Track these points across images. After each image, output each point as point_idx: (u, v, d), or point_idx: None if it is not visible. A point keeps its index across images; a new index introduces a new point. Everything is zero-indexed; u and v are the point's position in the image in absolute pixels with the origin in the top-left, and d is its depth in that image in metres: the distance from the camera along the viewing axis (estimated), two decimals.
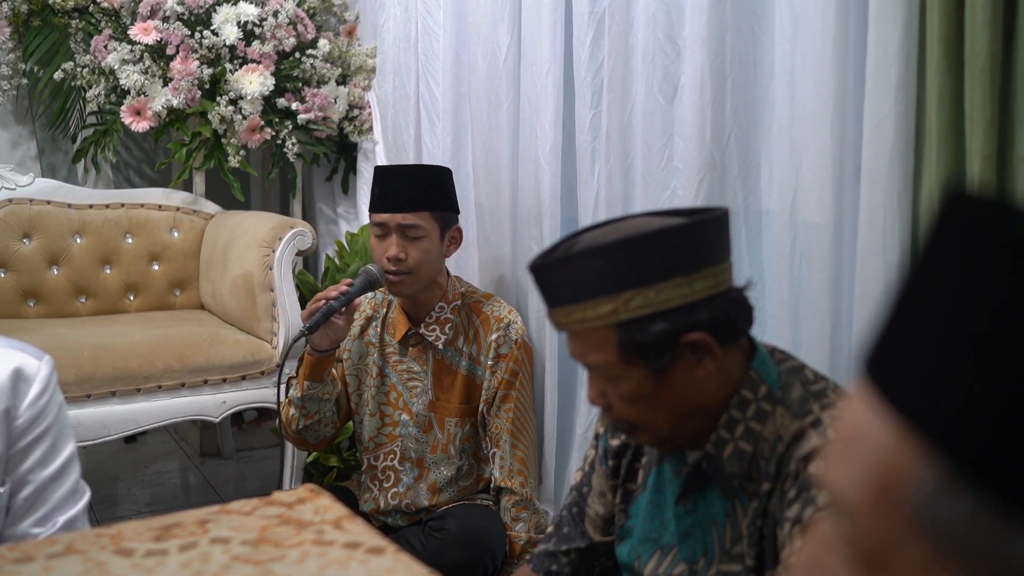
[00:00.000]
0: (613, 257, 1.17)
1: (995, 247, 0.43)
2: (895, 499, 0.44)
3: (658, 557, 1.36)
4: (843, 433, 0.48)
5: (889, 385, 0.46)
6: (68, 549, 0.96)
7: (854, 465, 0.46)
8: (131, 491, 3.21)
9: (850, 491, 0.46)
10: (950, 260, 0.45)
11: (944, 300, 0.45)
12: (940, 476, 0.42)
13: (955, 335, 0.44)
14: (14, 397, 1.32)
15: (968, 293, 0.44)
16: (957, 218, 0.46)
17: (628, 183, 2.12)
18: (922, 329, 0.45)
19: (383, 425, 2.29)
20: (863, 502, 0.45)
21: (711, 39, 1.86)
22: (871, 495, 0.45)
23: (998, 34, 1.37)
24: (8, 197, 2.89)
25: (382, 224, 2.17)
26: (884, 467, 0.45)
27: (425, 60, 2.84)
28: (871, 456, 0.45)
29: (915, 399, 0.44)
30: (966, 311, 0.44)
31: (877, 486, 0.45)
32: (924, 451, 0.43)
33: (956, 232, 0.46)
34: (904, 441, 0.44)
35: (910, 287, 0.47)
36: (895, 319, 0.47)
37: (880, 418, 0.45)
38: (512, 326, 2.22)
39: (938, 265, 0.46)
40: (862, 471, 0.46)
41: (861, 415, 0.47)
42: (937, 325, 0.45)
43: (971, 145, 1.40)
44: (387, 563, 0.92)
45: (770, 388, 1.26)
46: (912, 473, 0.43)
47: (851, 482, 0.46)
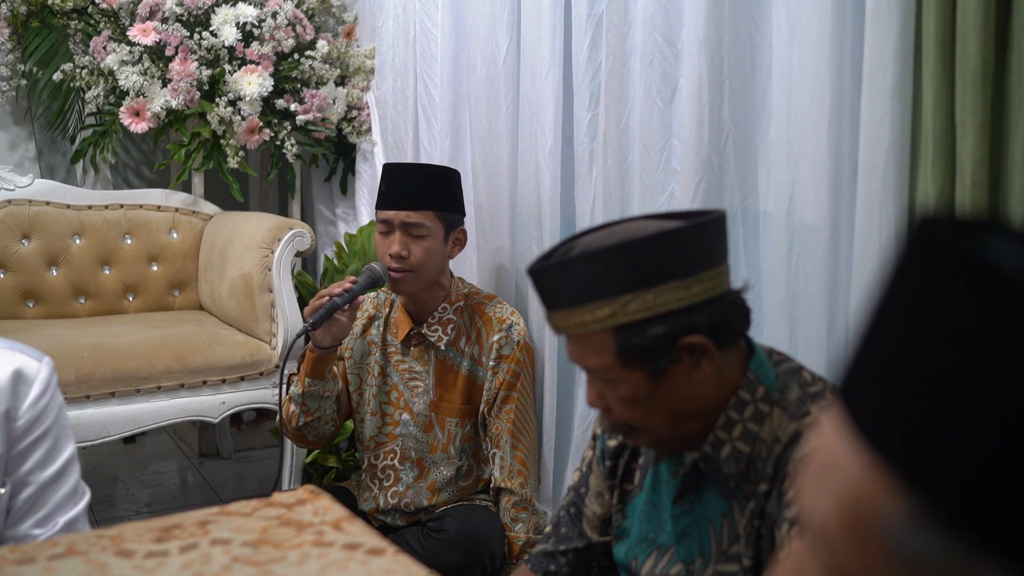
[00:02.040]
0: (611, 261, 1.17)
1: (965, 276, 0.43)
2: (869, 531, 0.44)
3: (655, 557, 1.37)
4: (817, 459, 0.48)
5: (860, 416, 0.46)
6: (69, 550, 0.96)
7: (827, 494, 0.46)
8: (130, 491, 3.22)
9: (825, 519, 0.47)
10: (919, 289, 0.45)
11: (913, 331, 0.44)
12: (912, 511, 0.42)
13: (924, 368, 0.43)
14: (14, 399, 1.32)
15: (938, 325, 0.43)
16: (928, 245, 0.45)
17: (626, 185, 2.13)
18: (892, 360, 0.45)
19: (384, 424, 2.29)
20: (837, 532, 0.46)
21: (708, 42, 1.87)
22: (845, 525, 0.45)
23: (990, 38, 1.38)
24: (7, 198, 2.89)
25: (387, 221, 2.18)
26: (857, 499, 0.45)
27: (423, 62, 2.85)
28: (843, 486, 0.45)
29: (885, 432, 0.44)
30: (935, 344, 0.43)
31: (851, 518, 0.45)
32: (895, 485, 0.43)
33: (926, 260, 0.45)
34: (876, 474, 0.44)
35: (881, 313, 0.47)
36: (866, 346, 0.47)
37: (852, 448, 0.46)
38: (514, 327, 2.23)
39: (908, 294, 0.45)
40: (835, 501, 0.46)
41: (834, 443, 0.47)
42: (906, 357, 0.44)
43: (963, 148, 1.41)
44: (387, 564, 0.93)
45: (768, 389, 1.26)
46: (884, 507, 0.43)
47: (825, 511, 0.47)
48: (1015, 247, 0.44)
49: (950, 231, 0.45)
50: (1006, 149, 1.41)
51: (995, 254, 0.43)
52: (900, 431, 0.43)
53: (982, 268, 0.42)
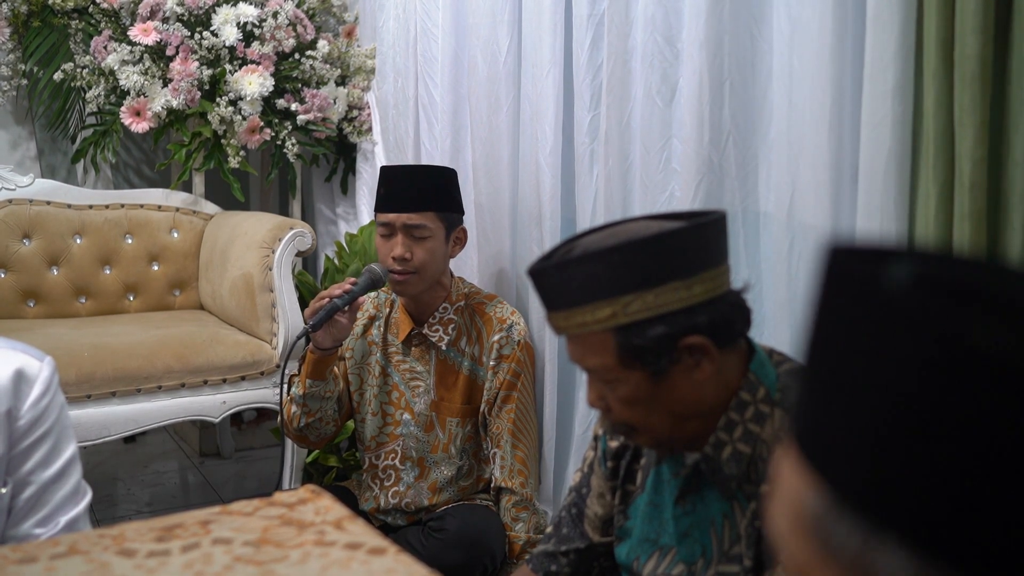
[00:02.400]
0: (611, 261, 1.17)
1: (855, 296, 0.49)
2: (807, 530, 0.50)
3: (657, 558, 1.37)
4: (777, 487, 0.55)
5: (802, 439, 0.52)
6: (71, 550, 0.96)
7: (782, 503, 0.53)
8: (130, 491, 3.22)
9: (780, 528, 0.54)
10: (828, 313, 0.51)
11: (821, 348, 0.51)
12: (829, 503, 0.49)
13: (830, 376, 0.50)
14: (16, 398, 1.32)
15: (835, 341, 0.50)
16: (835, 274, 0.51)
17: (627, 185, 2.13)
18: (812, 373, 0.52)
19: (385, 424, 2.30)
20: (788, 533, 0.53)
21: (709, 42, 1.87)
22: (793, 527, 0.52)
23: (989, 39, 1.38)
24: (8, 198, 2.90)
25: (388, 224, 2.18)
26: (793, 500, 0.52)
27: (424, 62, 2.85)
28: (787, 494, 0.53)
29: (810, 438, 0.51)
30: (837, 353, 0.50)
31: (795, 520, 0.52)
32: (816, 481, 0.50)
33: (833, 290, 0.51)
34: (805, 475, 0.51)
35: (812, 347, 0.53)
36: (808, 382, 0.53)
37: (797, 466, 0.52)
38: (515, 327, 2.23)
39: (822, 321, 0.52)
40: (787, 508, 0.53)
41: (786, 463, 0.54)
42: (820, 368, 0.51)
43: (963, 149, 1.41)
44: (388, 564, 0.93)
45: (768, 390, 1.27)
46: (811, 502, 0.50)
47: (780, 520, 0.54)
48: (903, 265, 0.49)
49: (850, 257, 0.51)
50: (1006, 150, 1.41)
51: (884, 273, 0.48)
52: (817, 435, 0.50)
53: (869, 286, 0.48)
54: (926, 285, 0.47)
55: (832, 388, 0.50)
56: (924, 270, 0.49)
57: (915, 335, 0.46)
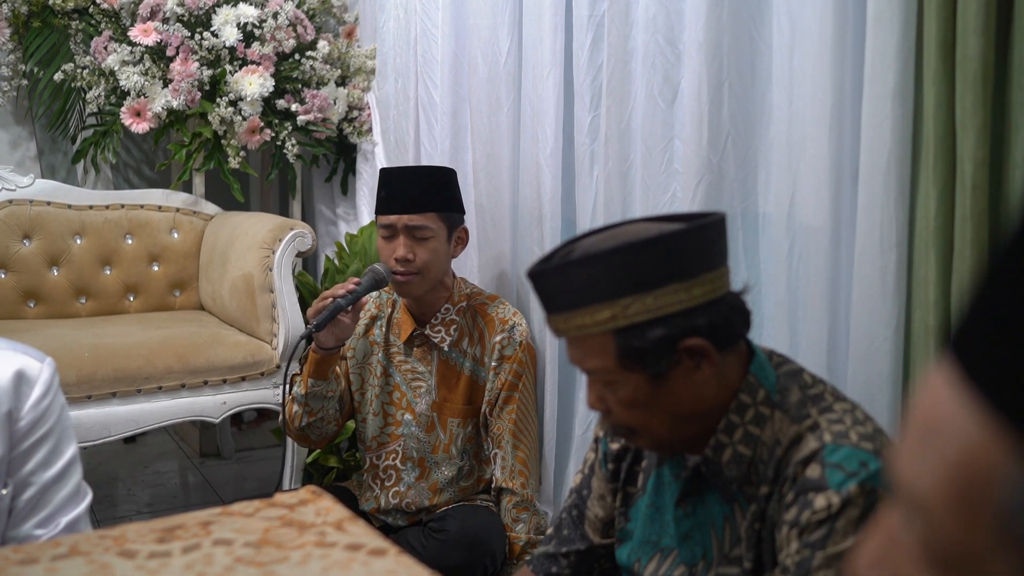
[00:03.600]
0: (611, 264, 1.17)
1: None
2: (980, 502, 0.38)
3: (658, 560, 1.37)
4: (921, 420, 0.41)
5: (976, 367, 0.39)
6: (72, 551, 0.96)
7: (933, 459, 0.40)
8: (131, 491, 3.22)
9: (927, 488, 0.40)
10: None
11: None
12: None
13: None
14: (16, 399, 1.32)
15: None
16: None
17: (627, 186, 2.13)
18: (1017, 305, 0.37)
19: (386, 424, 2.30)
20: (942, 502, 0.39)
21: (708, 43, 1.87)
22: (952, 496, 0.39)
23: (991, 40, 1.38)
24: (8, 198, 2.90)
25: (389, 225, 2.18)
26: (967, 464, 0.38)
27: (424, 62, 2.85)
28: (953, 450, 0.39)
29: (1006, 386, 0.37)
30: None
31: (959, 486, 0.39)
32: (1017, 449, 0.36)
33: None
34: (994, 435, 0.37)
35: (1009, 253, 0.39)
36: (990, 288, 0.39)
37: (966, 406, 0.38)
38: (516, 328, 2.23)
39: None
40: (942, 467, 0.39)
41: (943, 400, 0.39)
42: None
43: (964, 150, 1.41)
44: (389, 565, 0.93)
45: (768, 392, 1.27)
46: (1001, 474, 0.37)
47: (928, 478, 0.40)
48: None
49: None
50: (1007, 151, 1.41)
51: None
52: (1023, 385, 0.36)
53: None
54: None
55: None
56: None
57: None
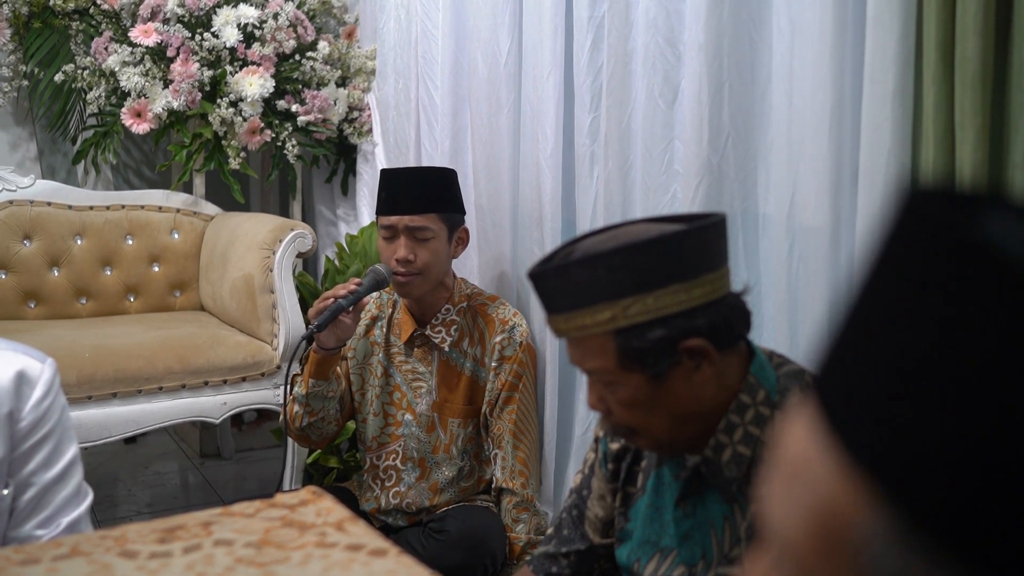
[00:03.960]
0: (611, 264, 1.18)
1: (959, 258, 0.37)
2: (842, 547, 0.39)
3: (657, 560, 1.38)
4: (784, 464, 0.42)
5: (835, 414, 0.40)
6: (73, 551, 0.97)
7: (796, 503, 0.41)
8: (131, 492, 3.22)
9: (792, 531, 0.41)
10: (907, 272, 0.39)
11: (899, 319, 0.38)
12: (890, 527, 0.37)
13: (909, 363, 0.37)
14: (17, 400, 1.33)
15: (926, 313, 0.37)
16: (918, 222, 0.39)
17: (627, 187, 2.13)
18: (873, 352, 0.39)
19: (386, 425, 2.30)
20: (807, 546, 0.40)
21: (708, 44, 1.87)
22: (815, 539, 0.40)
23: (990, 41, 1.38)
24: (8, 199, 2.90)
25: (390, 227, 2.18)
26: (828, 510, 0.39)
27: (424, 63, 2.85)
28: (814, 495, 0.40)
29: (863, 435, 0.38)
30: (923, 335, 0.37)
31: (821, 530, 0.40)
32: (872, 497, 0.37)
33: (916, 239, 0.39)
34: (851, 482, 0.38)
35: (865, 297, 0.40)
36: (847, 334, 0.41)
37: (825, 451, 0.40)
38: (516, 328, 2.24)
39: (895, 276, 0.39)
40: (804, 511, 0.40)
41: (805, 445, 0.41)
42: (890, 349, 0.38)
43: (963, 151, 1.41)
44: (389, 565, 0.93)
45: (768, 393, 1.27)
46: (859, 521, 0.38)
47: (793, 522, 0.41)
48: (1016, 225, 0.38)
49: (942, 207, 0.39)
50: (1006, 152, 1.41)
51: (993, 233, 0.37)
52: (879, 434, 0.38)
53: (978, 249, 0.36)
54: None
55: (919, 378, 0.37)
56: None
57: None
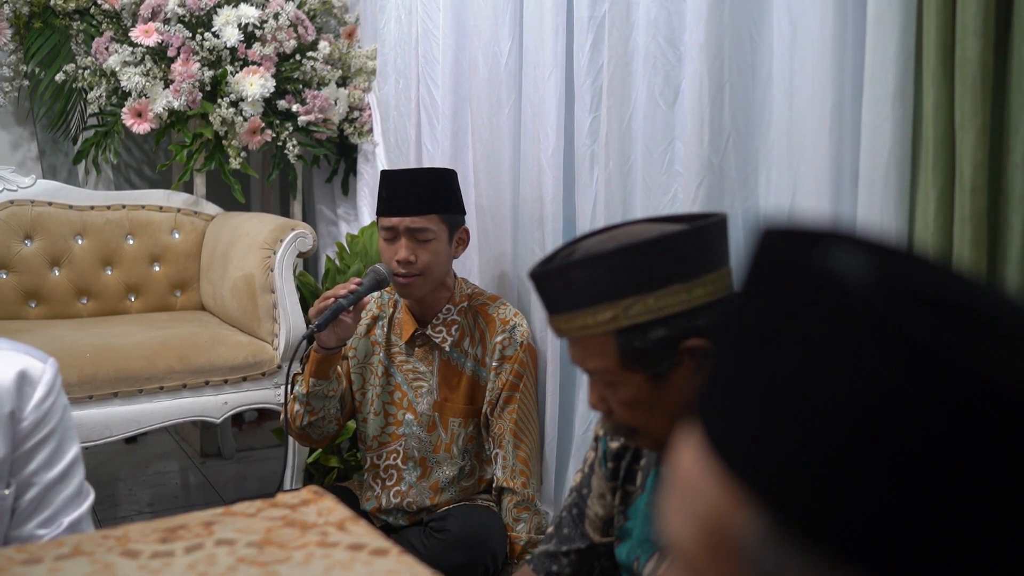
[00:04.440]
0: (612, 264, 1.18)
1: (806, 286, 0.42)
2: (728, 550, 0.43)
3: (657, 558, 1.38)
4: (677, 479, 0.47)
5: (712, 431, 0.45)
6: (75, 551, 0.97)
7: (687, 514, 0.46)
8: (132, 491, 3.22)
9: (686, 539, 0.46)
10: (762, 302, 0.44)
11: (757, 343, 0.44)
12: (766, 527, 0.41)
13: (767, 381, 0.43)
14: (19, 400, 1.33)
15: (778, 336, 0.43)
16: (769, 255, 0.45)
17: (628, 187, 2.13)
18: (738, 373, 0.45)
19: (387, 424, 2.30)
20: (700, 553, 0.45)
21: (709, 45, 1.87)
22: (706, 546, 0.44)
23: (990, 43, 1.38)
24: (9, 199, 2.90)
25: (391, 228, 2.19)
26: (712, 517, 0.44)
27: (425, 63, 2.85)
28: (700, 505, 0.45)
29: (734, 447, 0.44)
30: (777, 357, 0.42)
31: (709, 535, 0.44)
32: (746, 501, 0.42)
33: (769, 271, 0.44)
34: (728, 490, 0.43)
35: (730, 326, 0.46)
36: (719, 359, 0.46)
37: (707, 465, 0.44)
38: (517, 328, 2.24)
39: (752, 307, 0.45)
40: (694, 521, 0.45)
41: (691, 462, 0.46)
42: (751, 370, 0.44)
43: (963, 152, 1.42)
44: (391, 565, 0.94)
45: None
46: (739, 524, 0.42)
47: (688, 532, 0.46)
48: (854, 255, 0.42)
49: (790, 242, 0.44)
50: (1006, 152, 1.42)
51: (835, 263, 0.42)
52: (747, 445, 0.43)
53: (822, 277, 0.41)
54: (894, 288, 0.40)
55: (774, 393, 0.42)
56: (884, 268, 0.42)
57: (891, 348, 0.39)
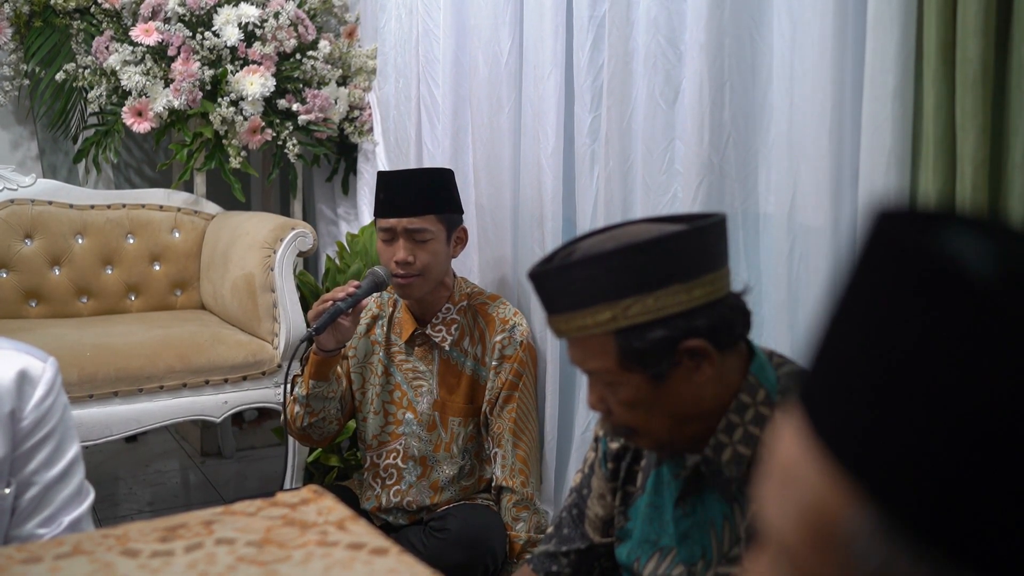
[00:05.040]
0: (611, 265, 1.18)
1: (924, 276, 0.40)
2: (832, 544, 0.42)
3: (657, 559, 1.38)
4: (777, 468, 0.46)
5: (820, 422, 0.44)
6: (75, 550, 0.97)
7: (788, 504, 0.45)
8: (132, 490, 3.23)
9: (786, 531, 0.45)
10: (878, 289, 0.42)
11: (873, 334, 0.42)
12: (874, 524, 0.40)
13: (883, 374, 0.41)
14: (19, 399, 1.33)
15: (897, 328, 0.41)
16: (885, 241, 0.43)
17: (628, 186, 2.13)
18: (850, 365, 0.43)
19: (387, 423, 2.31)
20: (801, 544, 0.44)
21: (709, 44, 1.87)
22: (808, 538, 0.44)
23: (990, 42, 1.38)
24: (10, 198, 2.90)
25: (389, 229, 2.19)
26: (818, 510, 0.43)
27: (426, 62, 2.85)
28: (804, 497, 0.44)
29: (845, 440, 0.42)
30: (894, 349, 0.41)
31: (813, 529, 0.43)
32: (856, 497, 0.41)
33: (884, 257, 0.42)
34: (836, 484, 0.42)
35: (841, 313, 0.44)
36: (826, 348, 0.45)
37: (812, 456, 0.44)
38: (517, 328, 2.24)
39: (867, 294, 0.43)
40: (796, 512, 0.44)
41: (794, 451, 0.45)
42: (865, 362, 0.42)
43: (963, 151, 1.42)
44: (391, 564, 0.94)
45: (768, 392, 1.27)
46: (846, 519, 0.42)
47: (787, 522, 0.45)
48: (976, 241, 0.41)
49: (908, 226, 0.42)
50: (1006, 152, 1.42)
51: (955, 250, 0.40)
52: (859, 439, 0.42)
53: (941, 266, 0.40)
54: (1017, 277, 0.39)
55: (890, 387, 0.40)
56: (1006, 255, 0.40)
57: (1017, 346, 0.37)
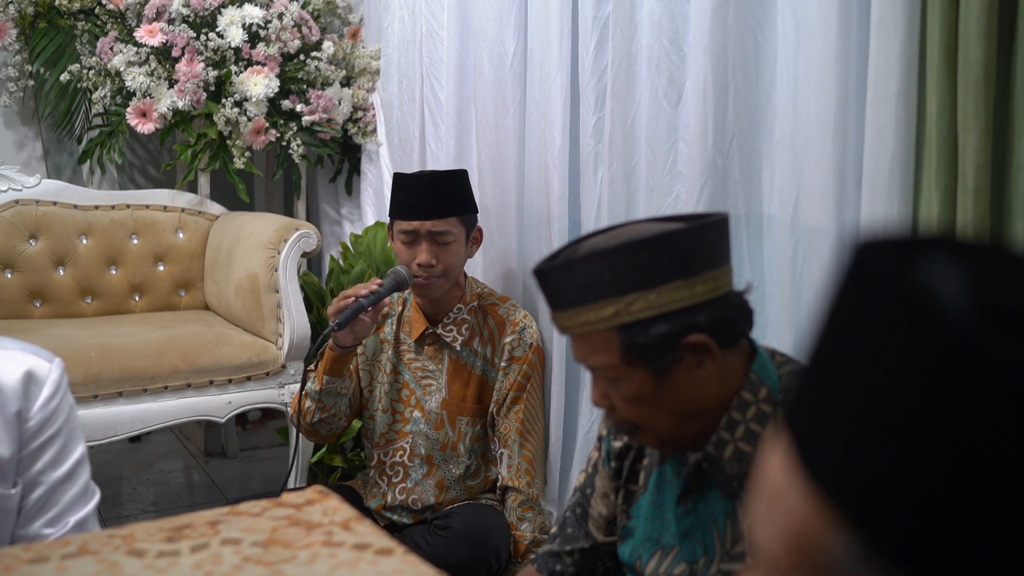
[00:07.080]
0: (615, 261, 1.19)
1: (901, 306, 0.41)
2: (815, 566, 0.44)
3: (659, 557, 1.38)
4: (764, 490, 0.48)
5: (804, 447, 0.45)
6: (82, 550, 0.97)
7: (775, 525, 0.46)
8: (136, 490, 3.23)
9: (774, 549, 0.47)
10: (857, 319, 0.44)
11: (852, 363, 0.43)
12: (853, 548, 0.42)
13: (862, 403, 0.42)
14: (25, 399, 1.33)
15: (875, 358, 0.42)
16: (863, 272, 0.44)
17: (631, 187, 2.14)
18: (832, 393, 0.44)
19: (395, 421, 2.31)
20: (786, 562, 0.46)
21: (713, 46, 1.88)
22: (792, 557, 0.45)
23: (993, 45, 1.38)
24: (14, 198, 2.91)
25: (412, 231, 2.19)
26: (801, 533, 0.45)
27: (430, 63, 2.86)
28: (788, 520, 0.45)
29: (825, 467, 0.44)
30: (873, 378, 0.42)
31: (797, 551, 0.45)
32: (836, 521, 0.43)
33: (863, 287, 0.44)
34: (818, 509, 0.44)
35: (823, 342, 0.46)
36: (810, 375, 0.46)
37: (796, 481, 0.45)
38: (527, 330, 2.25)
39: (847, 323, 0.44)
40: (782, 534, 0.46)
41: (779, 474, 0.46)
42: (845, 390, 0.43)
43: (966, 153, 1.42)
44: (396, 564, 0.94)
45: (770, 390, 1.27)
46: (827, 543, 0.43)
47: (774, 541, 0.47)
48: (953, 271, 0.42)
49: (887, 255, 0.43)
50: (1009, 154, 1.42)
51: (931, 281, 0.41)
52: (840, 467, 0.43)
53: (917, 298, 0.41)
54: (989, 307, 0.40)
55: (868, 416, 0.42)
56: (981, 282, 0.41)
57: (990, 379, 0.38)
